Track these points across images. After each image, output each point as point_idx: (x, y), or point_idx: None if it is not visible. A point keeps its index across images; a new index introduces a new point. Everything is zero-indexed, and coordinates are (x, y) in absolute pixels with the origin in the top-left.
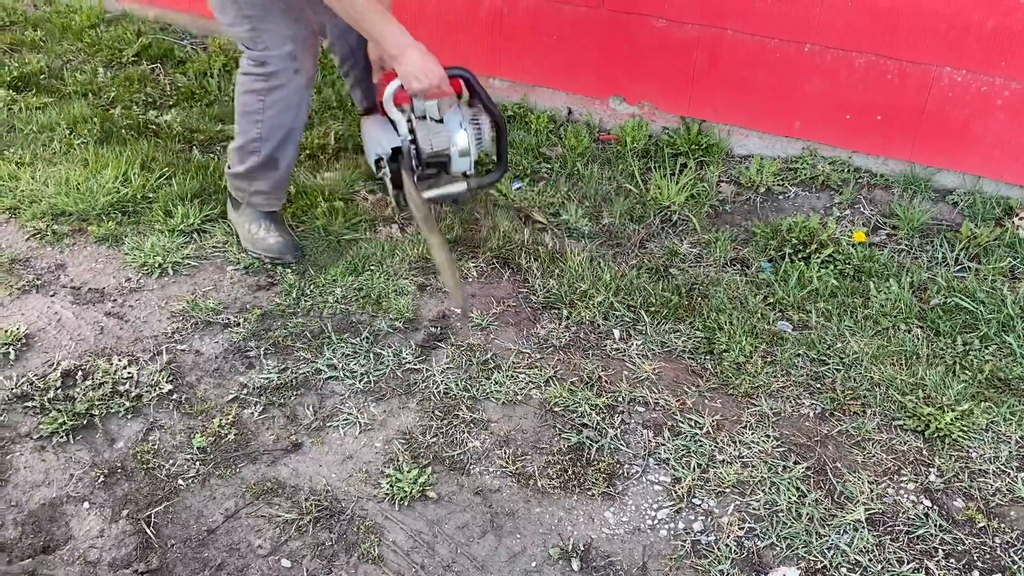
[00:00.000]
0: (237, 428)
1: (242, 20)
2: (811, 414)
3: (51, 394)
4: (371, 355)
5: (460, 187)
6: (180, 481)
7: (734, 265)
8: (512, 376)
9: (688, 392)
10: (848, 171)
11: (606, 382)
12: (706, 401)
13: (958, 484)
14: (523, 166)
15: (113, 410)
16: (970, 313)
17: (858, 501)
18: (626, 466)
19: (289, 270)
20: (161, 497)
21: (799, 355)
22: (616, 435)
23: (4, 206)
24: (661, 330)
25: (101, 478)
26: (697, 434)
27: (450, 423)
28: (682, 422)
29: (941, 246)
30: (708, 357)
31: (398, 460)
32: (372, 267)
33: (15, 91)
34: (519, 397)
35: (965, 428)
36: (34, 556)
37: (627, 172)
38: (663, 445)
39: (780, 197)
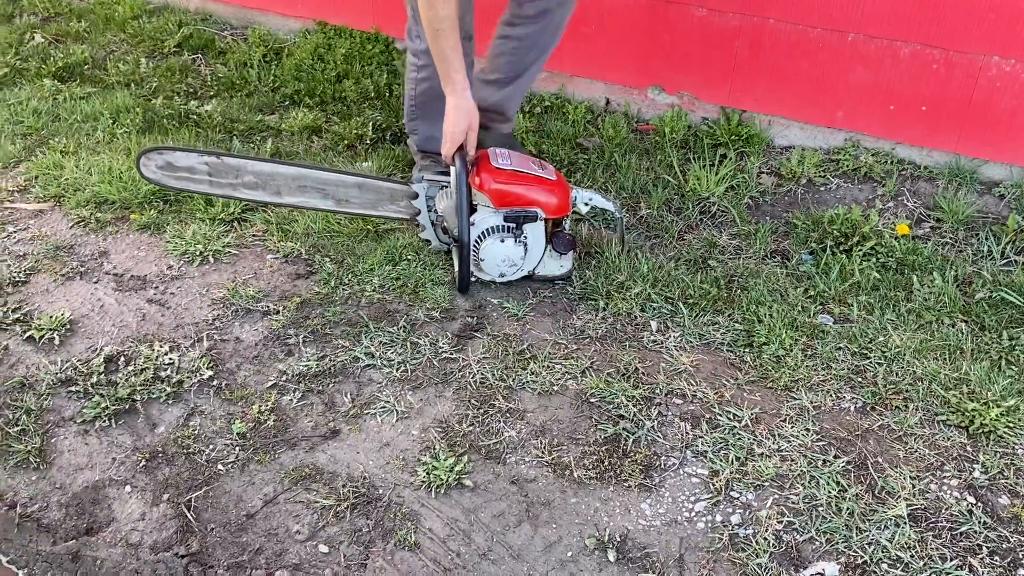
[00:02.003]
0: (276, 415)
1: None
2: (852, 408)
3: (94, 379)
4: (408, 344)
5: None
6: (220, 466)
7: (774, 257)
8: (548, 366)
9: (726, 385)
10: (891, 162)
11: (643, 374)
12: (745, 394)
13: (1003, 481)
14: (560, 157)
15: (154, 395)
16: (1016, 308)
17: (900, 496)
18: (663, 458)
19: (328, 259)
20: (201, 482)
21: (840, 348)
22: (653, 427)
23: (49, 194)
24: (699, 322)
25: (143, 462)
26: (735, 427)
27: (486, 412)
28: (720, 415)
29: (987, 239)
30: (747, 350)
31: (434, 448)
32: (409, 257)
33: (60, 81)
34: (555, 387)
35: (1011, 424)
36: (77, 538)
37: (665, 163)
38: (701, 438)
39: (822, 189)
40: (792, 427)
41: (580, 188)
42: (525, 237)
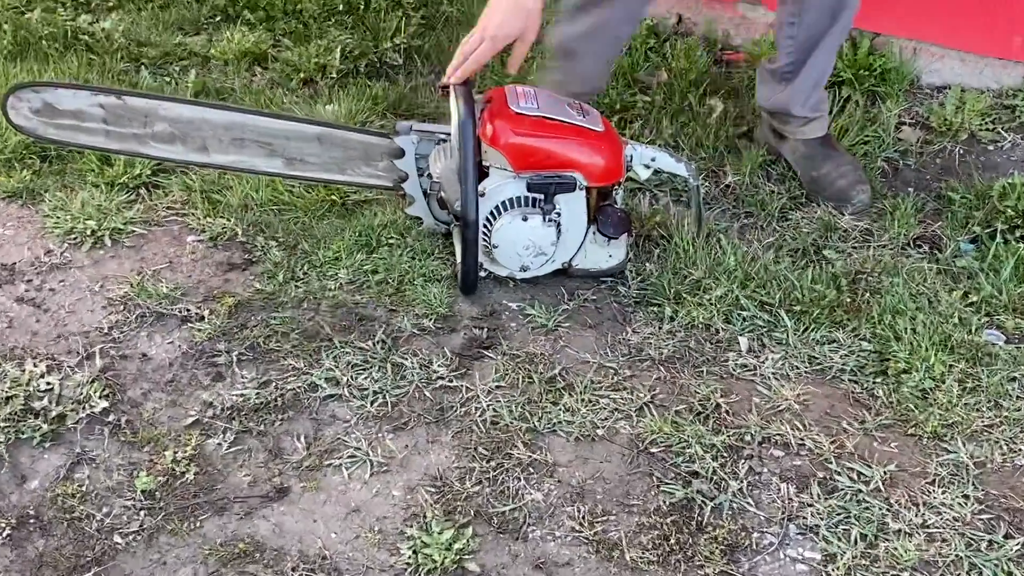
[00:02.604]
0: (198, 465)
1: None
2: None
3: None
4: (388, 366)
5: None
6: (117, 538)
7: (919, 246)
8: (590, 401)
9: (848, 430)
10: None
11: (727, 413)
12: (875, 444)
13: None
14: (608, 98)
15: (25, 435)
16: None
17: None
18: (755, 535)
19: (274, 243)
20: (90, 560)
21: (1015, 379)
22: (741, 489)
23: None
24: (809, 339)
25: (7, 530)
26: (861, 491)
27: (500, 465)
28: (839, 473)
29: None
30: (879, 380)
31: (425, 516)
32: (390, 241)
33: None
34: (599, 431)
35: None
36: None
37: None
38: (810, 506)
39: (990, 148)
40: (944, 492)
41: (638, 144)
42: (558, 213)
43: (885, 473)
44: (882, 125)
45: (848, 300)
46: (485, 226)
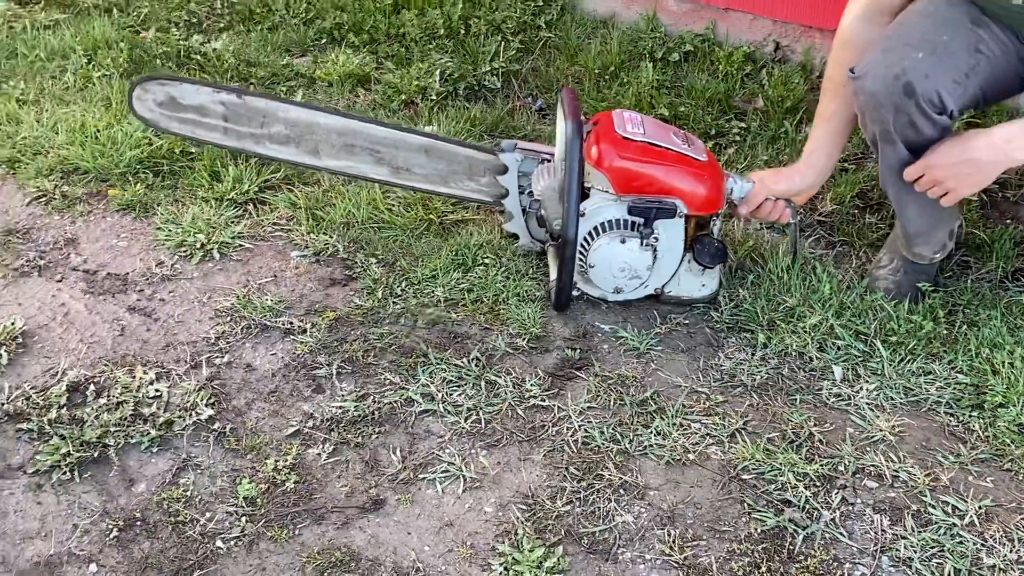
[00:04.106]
0: (298, 474)
1: None
2: None
3: (53, 414)
4: (482, 383)
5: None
6: (219, 543)
7: (1016, 279)
8: (681, 425)
9: (943, 463)
10: None
11: (820, 442)
12: (970, 477)
13: None
14: (703, 124)
15: (134, 440)
16: None
17: None
18: (847, 565)
19: (374, 259)
20: (193, 564)
21: None
22: (834, 520)
23: (0, 158)
24: (905, 370)
25: (114, 532)
26: (955, 525)
27: (591, 486)
28: (933, 506)
29: None
30: (975, 413)
31: (516, 533)
32: (486, 260)
33: (18, 3)
34: (690, 455)
35: None
36: None
37: (861, 135)
38: (904, 538)
39: None
40: None
41: (738, 176)
42: (656, 239)
43: (980, 507)
44: None
45: (945, 332)
46: (583, 246)
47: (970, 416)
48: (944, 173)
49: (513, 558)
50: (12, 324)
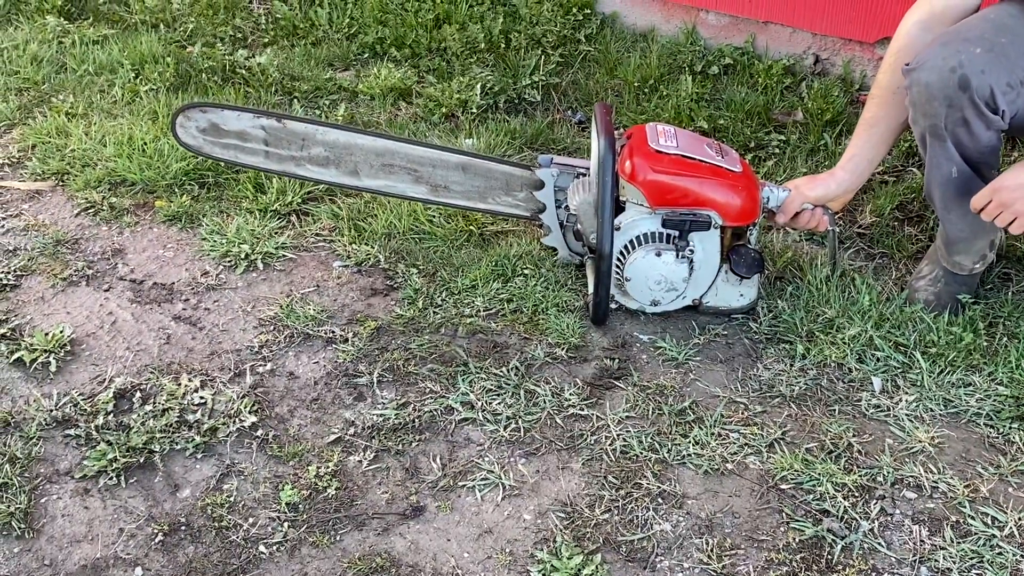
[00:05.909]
0: (339, 480)
1: None
2: None
3: (100, 420)
4: (521, 392)
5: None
6: (262, 548)
7: None
8: (720, 435)
9: (984, 475)
10: None
11: (859, 452)
12: (1011, 489)
13: None
14: (742, 137)
15: (179, 446)
16: None
17: None
18: (885, 575)
19: (415, 270)
20: (236, 568)
21: None
22: (873, 530)
23: (49, 170)
24: (945, 382)
25: (159, 536)
26: (995, 536)
27: (629, 494)
28: (973, 517)
29: None
30: (1015, 425)
31: (555, 541)
32: (525, 271)
33: (67, 19)
34: (729, 465)
35: None
36: None
37: (901, 148)
38: (943, 549)
39: None
40: None
41: (775, 186)
42: (691, 251)
43: (1020, 519)
44: None
45: (985, 344)
46: (619, 259)
47: (1010, 428)
48: (1013, 195)
49: (552, 565)
50: (61, 332)
